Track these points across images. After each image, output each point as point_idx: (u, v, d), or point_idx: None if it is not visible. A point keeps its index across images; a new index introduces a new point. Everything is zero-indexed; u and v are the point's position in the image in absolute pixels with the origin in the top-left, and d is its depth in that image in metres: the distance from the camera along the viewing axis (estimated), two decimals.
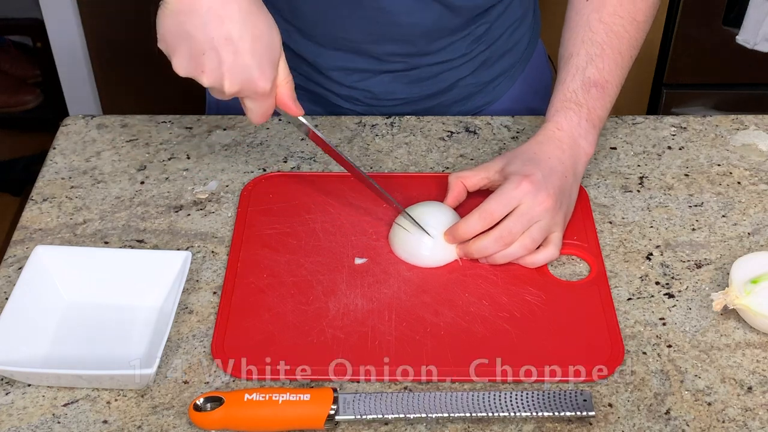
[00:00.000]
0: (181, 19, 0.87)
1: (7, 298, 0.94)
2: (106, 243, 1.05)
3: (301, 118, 0.99)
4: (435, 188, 1.09)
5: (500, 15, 1.22)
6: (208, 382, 0.90)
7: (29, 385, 0.90)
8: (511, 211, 0.98)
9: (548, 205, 0.99)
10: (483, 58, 1.25)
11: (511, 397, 0.87)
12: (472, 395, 0.87)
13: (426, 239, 1.01)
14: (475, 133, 1.21)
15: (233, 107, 1.29)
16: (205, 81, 0.90)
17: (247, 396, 0.85)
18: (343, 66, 1.21)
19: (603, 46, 1.07)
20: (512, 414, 0.86)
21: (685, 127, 1.22)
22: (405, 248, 1.02)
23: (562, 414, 0.86)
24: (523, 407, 0.86)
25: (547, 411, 0.86)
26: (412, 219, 1.02)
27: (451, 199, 1.05)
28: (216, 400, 0.85)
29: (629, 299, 0.99)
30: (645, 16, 1.10)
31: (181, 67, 0.90)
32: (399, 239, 1.02)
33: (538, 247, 1.00)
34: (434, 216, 1.03)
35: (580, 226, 1.06)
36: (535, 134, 1.06)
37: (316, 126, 1.06)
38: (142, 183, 1.13)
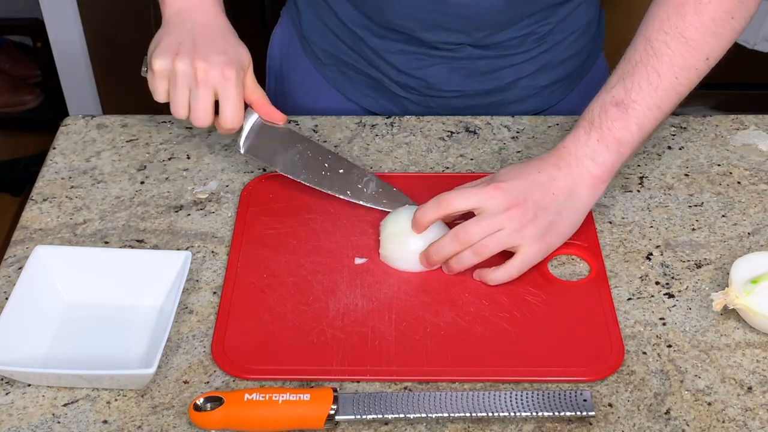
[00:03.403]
0: (168, 26, 1.08)
1: (7, 298, 0.94)
2: (106, 243, 1.05)
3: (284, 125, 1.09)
4: (435, 188, 1.09)
5: (563, 19, 1.21)
6: (208, 382, 0.90)
7: (29, 385, 0.90)
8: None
9: (513, 213, 0.95)
10: (543, 61, 1.24)
11: (511, 397, 0.87)
12: (472, 395, 0.87)
13: (410, 245, 1.00)
14: (475, 133, 1.21)
15: (291, 103, 1.33)
16: (178, 64, 1.02)
17: (247, 396, 0.85)
18: (400, 51, 1.21)
19: (638, 64, 0.99)
20: (512, 414, 0.86)
21: (685, 127, 1.22)
22: (393, 256, 1.01)
23: (562, 414, 0.86)
24: (523, 407, 0.86)
25: (547, 411, 0.86)
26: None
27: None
28: (216, 400, 0.85)
29: (629, 299, 0.99)
30: (698, 32, 0.99)
31: (159, 53, 1.04)
32: (386, 249, 1.02)
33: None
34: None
35: (580, 226, 1.06)
36: None
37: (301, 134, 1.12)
38: (142, 183, 1.13)
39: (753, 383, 0.90)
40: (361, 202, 1.06)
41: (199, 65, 1.02)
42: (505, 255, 0.98)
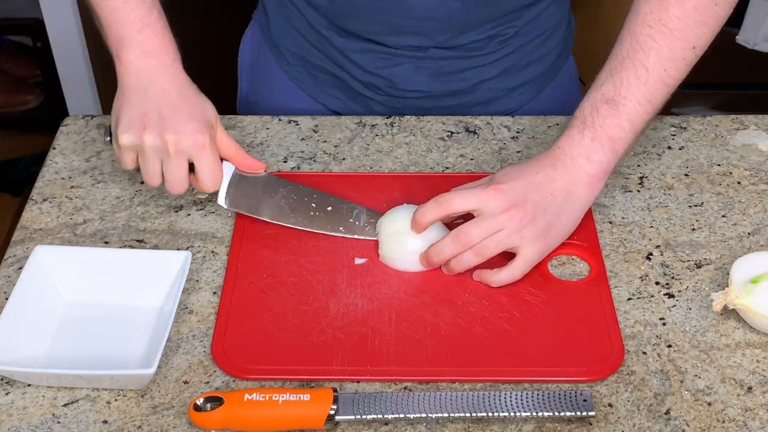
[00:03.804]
0: (129, 94, 1.02)
1: (7, 298, 0.94)
2: (106, 243, 1.05)
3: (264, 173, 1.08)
4: (435, 188, 1.09)
5: (530, 21, 1.21)
6: (208, 382, 0.90)
7: (29, 385, 0.90)
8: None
9: (513, 214, 0.96)
10: (509, 63, 1.24)
11: (511, 397, 0.87)
12: (472, 395, 0.87)
13: (409, 244, 1.00)
14: (475, 133, 1.21)
15: (262, 104, 1.33)
16: (147, 138, 0.99)
17: (247, 396, 0.85)
18: (364, 50, 1.21)
19: (625, 60, 0.99)
20: (512, 414, 0.86)
21: (685, 127, 1.22)
22: (392, 256, 1.01)
23: (562, 414, 0.86)
24: (523, 407, 0.86)
25: (547, 411, 0.86)
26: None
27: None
28: (216, 400, 0.85)
29: (629, 299, 0.99)
30: (681, 22, 0.99)
31: (125, 128, 1.00)
32: (384, 250, 1.02)
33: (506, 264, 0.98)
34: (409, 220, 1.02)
35: (580, 225, 1.06)
36: None
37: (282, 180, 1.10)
38: (142, 183, 1.13)
39: (753, 383, 0.90)
40: (355, 236, 1.04)
41: (170, 138, 0.99)
42: (506, 254, 0.98)
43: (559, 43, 1.28)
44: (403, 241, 1.00)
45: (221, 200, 1.06)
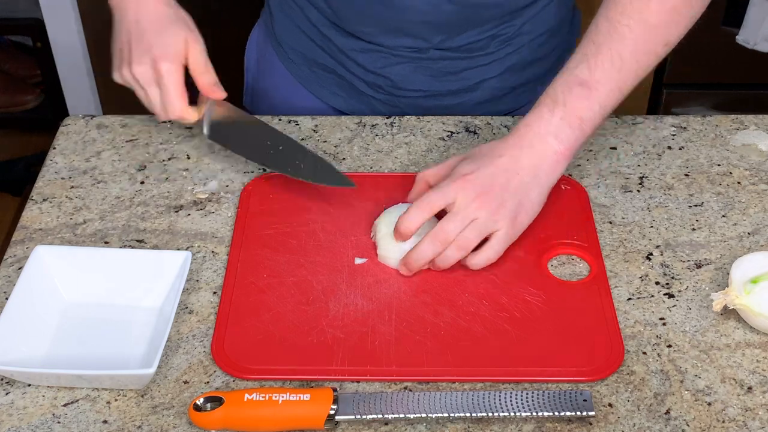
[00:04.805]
0: (114, 30, 1.10)
1: (7, 298, 0.94)
2: (106, 243, 1.05)
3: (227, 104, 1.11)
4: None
5: (530, 20, 1.21)
6: (208, 382, 0.90)
7: (29, 385, 0.90)
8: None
9: (483, 202, 0.97)
10: (510, 62, 1.24)
11: (511, 397, 0.87)
12: (472, 395, 0.87)
13: (406, 244, 1.00)
14: (475, 133, 1.21)
15: (267, 102, 1.34)
16: (124, 74, 1.08)
17: (247, 396, 0.85)
18: (366, 50, 1.22)
19: (601, 46, 1.01)
20: (512, 414, 0.86)
21: (685, 127, 1.22)
22: (390, 256, 1.01)
23: (562, 414, 0.86)
24: (523, 407, 0.86)
25: (547, 411, 0.86)
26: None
27: (412, 195, 1.05)
28: (216, 400, 0.85)
29: (629, 299, 0.99)
30: (660, 19, 1.01)
31: (114, 67, 1.10)
32: (383, 250, 1.02)
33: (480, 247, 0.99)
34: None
35: (580, 226, 1.06)
36: None
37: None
38: (142, 183, 1.13)
39: (753, 383, 0.90)
40: (298, 179, 1.07)
41: (136, 69, 1.06)
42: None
43: (563, 42, 1.28)
44: (398, 243, 1.00)
45: (204, 130, 1.11)
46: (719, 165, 1.16)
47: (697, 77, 2.19)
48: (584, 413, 0.86)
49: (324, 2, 1.21)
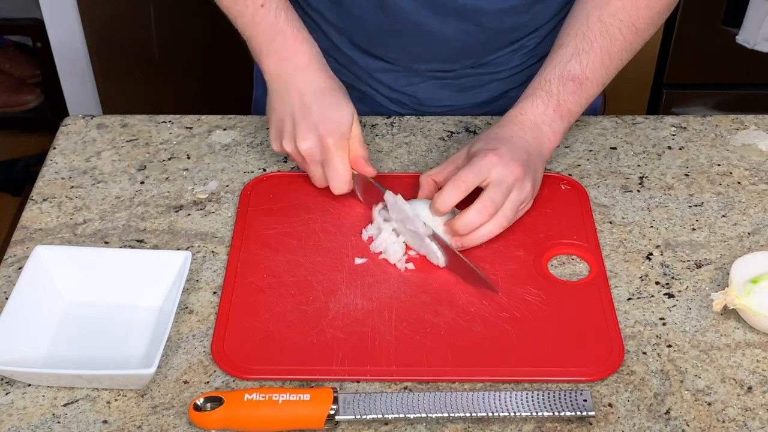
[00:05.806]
0: (273, 99, 1.08)
1: (7, 298, 0.94)
2: (106, 243, 1.05)
3: (373, 181, 1.07)
4: (435, 188, 1.09)
5: (552, 30, 1.21)
6: (208, 382, 0.90)
7: (29, 385, 0.90)
8: (486, 186, 0.99)
9: (519, 173, 1.00)
10: (534, 71, 1.24)
11: (511, 397, 0.87)
12: (472, 395, 0.87)
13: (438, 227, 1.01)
14: (475, 133, 1.21)
15: None
16: (286, 146, 1.06)
17: (247, 396, 0.85)
18: (389, 70, 1.23)
19: (593, 43, 1.06)
20: (512, 414, 0.86)
21: (685, 127, 1.22)
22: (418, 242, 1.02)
23: (562, 414, 0.86)
24: (523, 407, 0.86)
25: (547, 411, 0.86)
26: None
27: (421, 197, 1.06)
28: (216, 400, 0.85)
29: (629, 299, 0.99)
30: (646, 23, 1.08)
31: (272, 137, 1.09)
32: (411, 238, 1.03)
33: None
34: (426, 210, 1.03)
35: (580, 226, 1.06)
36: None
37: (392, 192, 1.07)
38: (142, 183, 1.13)
39: (753, 383, 0.90)
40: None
41: (301, 145, 1.05)
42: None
43: None
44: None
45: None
46: (719, 165, 1.16)
47: (697, 77, 2.19)
48: (584, 413, 0.86)
49: (350, 29, 1.20)
